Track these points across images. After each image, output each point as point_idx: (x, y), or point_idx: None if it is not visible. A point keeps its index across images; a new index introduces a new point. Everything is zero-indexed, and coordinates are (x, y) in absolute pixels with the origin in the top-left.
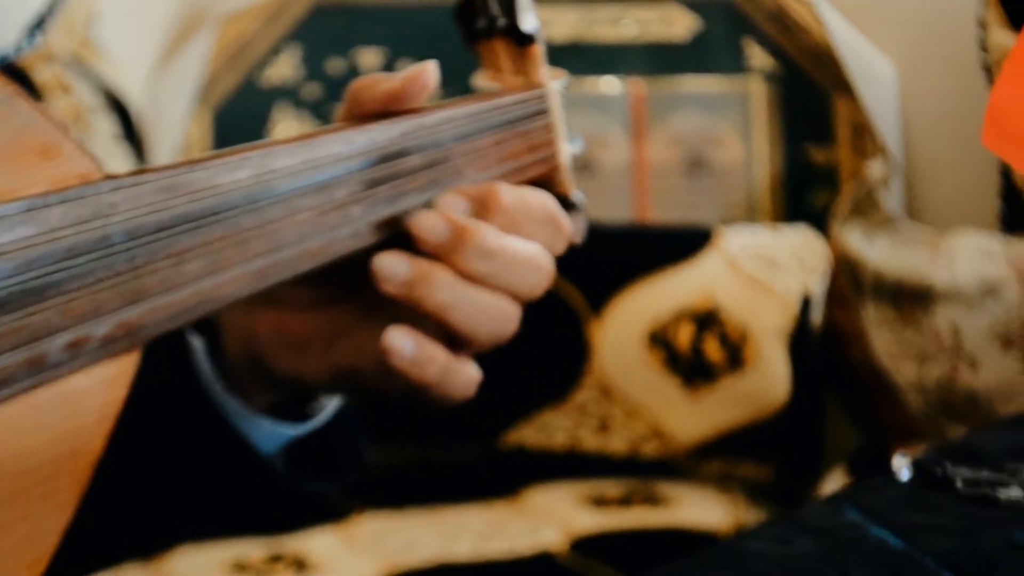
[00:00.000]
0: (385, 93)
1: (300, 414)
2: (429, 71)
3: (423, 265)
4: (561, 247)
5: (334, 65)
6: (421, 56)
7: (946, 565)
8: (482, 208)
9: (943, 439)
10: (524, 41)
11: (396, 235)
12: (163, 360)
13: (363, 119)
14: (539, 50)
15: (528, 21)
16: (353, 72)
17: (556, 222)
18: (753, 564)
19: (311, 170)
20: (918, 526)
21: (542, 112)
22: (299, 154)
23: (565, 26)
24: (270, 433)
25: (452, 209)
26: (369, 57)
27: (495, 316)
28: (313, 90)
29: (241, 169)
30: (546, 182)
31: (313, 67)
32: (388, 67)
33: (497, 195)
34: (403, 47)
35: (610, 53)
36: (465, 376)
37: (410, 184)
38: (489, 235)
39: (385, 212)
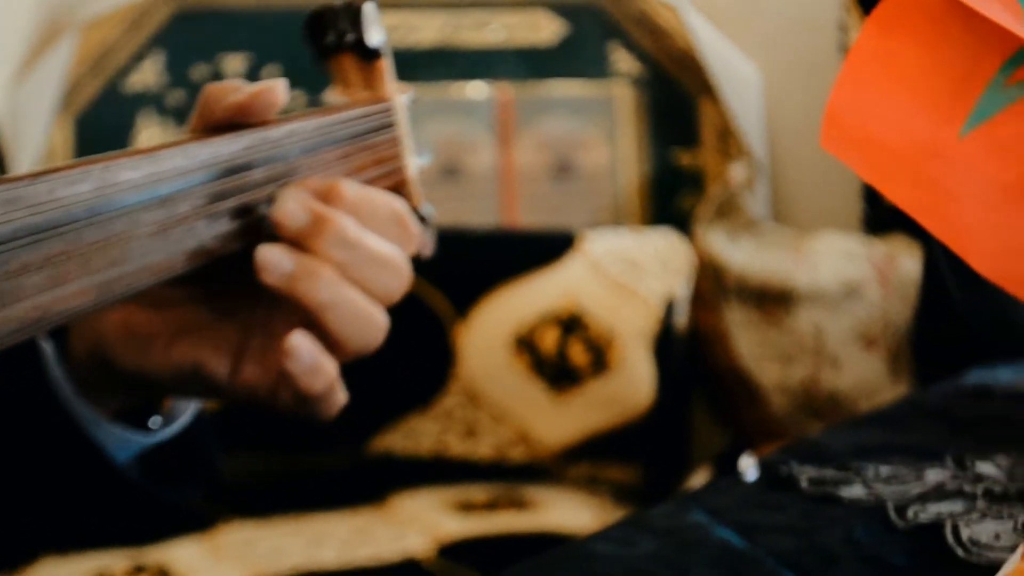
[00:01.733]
0: (233, 105)
1: (152, 422)
2: (278, 88)
3: (306, 260)
4: (410, 249)
5: (198, 71)
6: (287, 61)
7: (786, 564)
8: (326, 201)
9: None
10: (371, 56)
11: (245, 242)
12: (14, 364)
13: (211, 130)
14: (386, 64)
15: (375, 36)
16: (217, 78)
17: (403, 222)
18: (595, 565)
19: (154, 183)
20: (761, 526)
21: (388, 126)
22: (142, 167)
23: (431, 31)
24: (123, 441)
25: (299, 196)
26: (234, 63)
27: (367, 321)
28: (177, 97)
29: (83, 182)
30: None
31: (177, 73)
32: (253, 72)
33: (340, 189)
34: (268, 52)
35: (477, 58)
36: (338, 397)
37: (254, 197)
38: (348, 223)
39: (229, 225)
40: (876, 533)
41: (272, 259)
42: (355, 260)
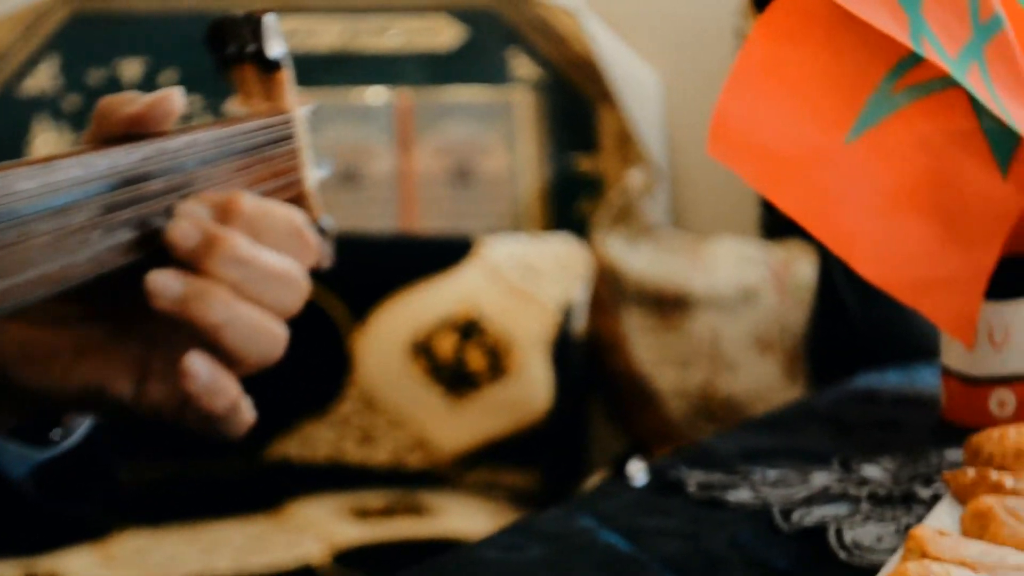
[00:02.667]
0: (128, 117)
1: (47, 437)
2: (174, 98)
3: (197, 282)
4: (309, 262)
5: (95, 76)
6: (184, 65)
7: (671, 568)
8: (223, 216)
9: None
10: (271, 68)
11: (140, 256)
12: None
13: (108, 140)
14: (286, 76)
15: (275, 48)
16: (114, 83)
17: (301, 235)
18: (483, 571)
19: (50, 193)
20: (648, 530)
21: (287, 138)
22: (37, 177)
23: (331, 36)
24: (19, 457)
25: (194, 215)
26: (131, 67)
27: (265, 336)
28: (73, 101)
29: None
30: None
31: (73, 78)
32: (150, 77)
33: (238, 202)
34: (166, 57)
35: (376, 63)
36: (244, 415)
37: (151, 208)
38: (240, 241)
39: (124, 237)
40: (761, 536)
41: (161, 284)
42: (249, 277)
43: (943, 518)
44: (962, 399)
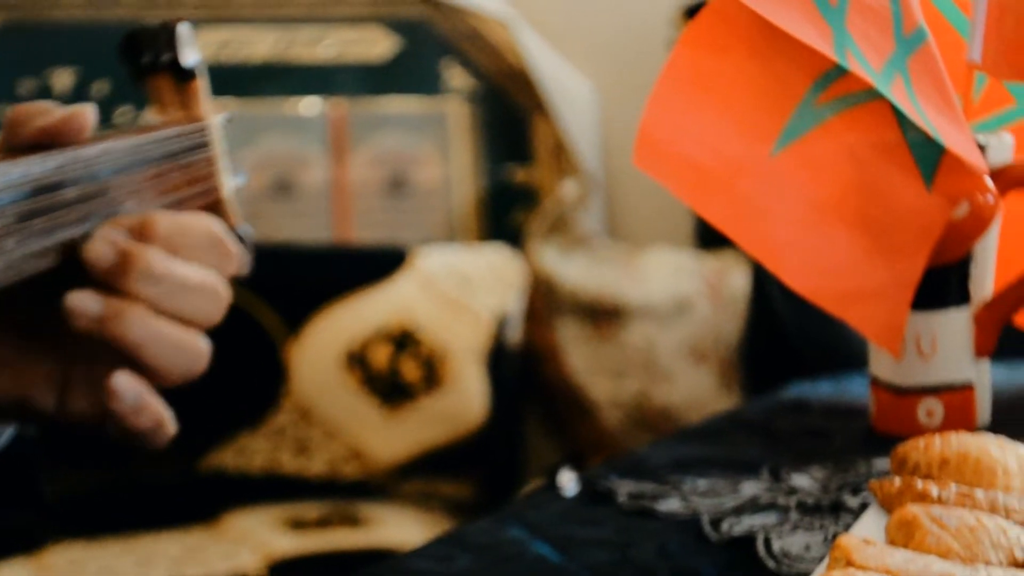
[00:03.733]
0: (41, 129)
1: None
2: (87, 114)
3: (114, 302)
4: (231, 270)
5: (26, 85)
6: (115, 76)
7: None
8: (140, 236)
9: None
10: (186, 76)
11: (55, 264)
12: None
13: (20, 149)
14: (202, 84)
15: (189, 56)
16: (45, 92)
17: (221, 245)
18: None
19: None
20: (577, 540)
21: (203, 145)
22: None
23: (265, 47)
24: None
25: (110, 234)
26: (62, 77)
27: (186, 351)
28: (4, 111)
29: None
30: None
31: (3, 87)
32: (82, 87)
33: (153, 223)
34: (97, 66)
35: (310, 74)
36: (167, 429)
37: (66, 217)
38: (155, 258)
39: (39, 245)
40: (690, 546)
41: (80, 305)
42: (167, 291)
43: (869, 527)
44: (891, 409)
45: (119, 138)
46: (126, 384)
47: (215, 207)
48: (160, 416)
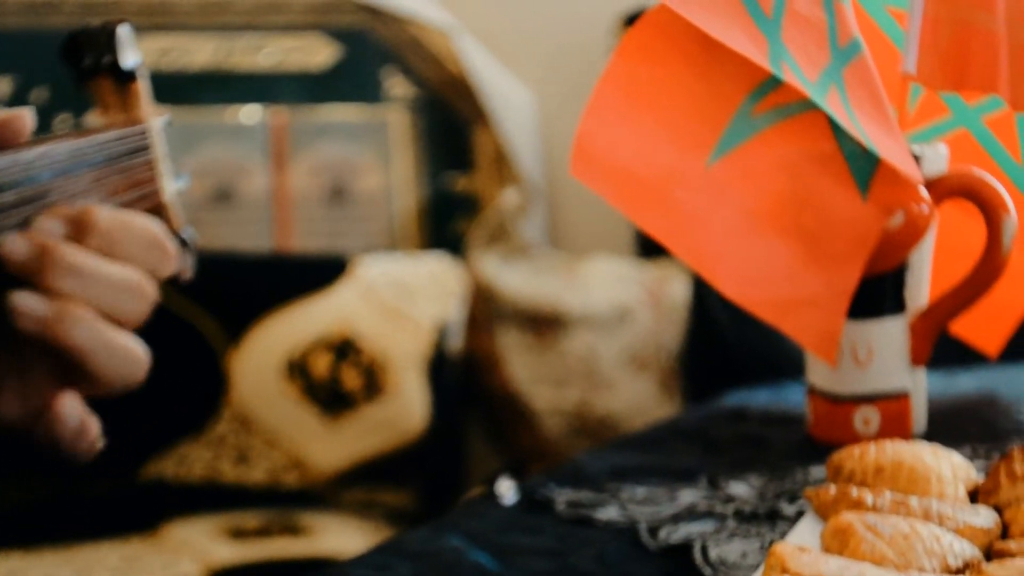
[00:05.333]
0: None
1: None
2: (25, 117)
3: (59, 304)
4: (168, 271)
5: None
6: (55, 83)
7: None
8: (78, 229)
9: None
10: (126, 78)
11: None
12: None
13: None
14: (142, 87)
15: (129, 58)
16: None
17: (160, 245)
18: None
19: None
20: (516, 548)
21: (143, 148)
22: None
23: (205, 54)
24: None
25: (47, 231)
26: (1, 84)
27: (127, 358)
28: None
29: None
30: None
31: None
32: (21, 94)
33: (92, 215)
34: (36, 73)
35: (251, 82)
36: (96, 445)
37: (4, 221)
38: (70, 252)
39: None
40: (627, 554)
41: (23, 304)
42: (88, 287)
43: (805, 534)
44: (827, 417)
45: (59, 141)
46: (72, 407)
47: (157, 210)
48: (94, 435)
